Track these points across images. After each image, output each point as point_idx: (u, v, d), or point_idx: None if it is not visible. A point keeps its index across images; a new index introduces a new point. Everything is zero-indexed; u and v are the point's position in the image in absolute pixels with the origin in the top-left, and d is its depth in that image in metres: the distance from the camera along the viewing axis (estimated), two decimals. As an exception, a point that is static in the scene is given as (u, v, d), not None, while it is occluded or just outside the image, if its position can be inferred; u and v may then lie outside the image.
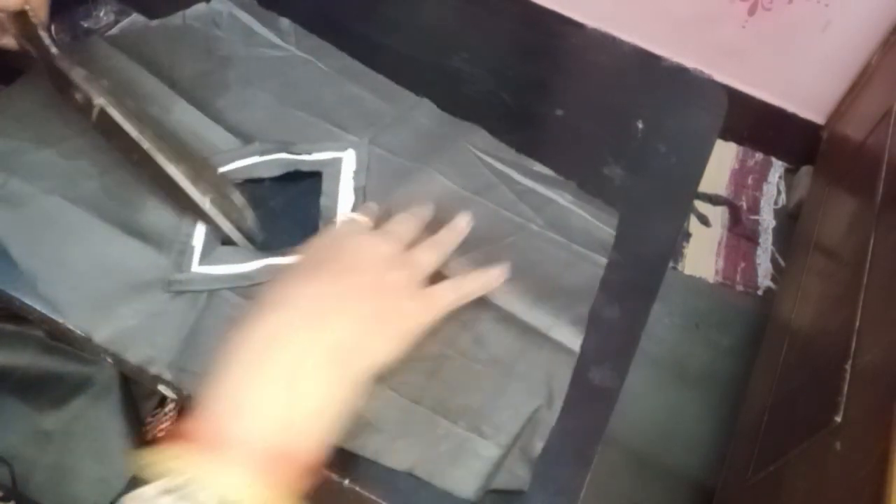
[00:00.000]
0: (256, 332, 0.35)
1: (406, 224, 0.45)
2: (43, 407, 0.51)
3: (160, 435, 0.38)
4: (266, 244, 0.49)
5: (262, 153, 0.52)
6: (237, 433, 0.31)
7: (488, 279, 0.45)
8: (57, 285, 0.44)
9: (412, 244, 0.43)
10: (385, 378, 0.41)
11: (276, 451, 0.32)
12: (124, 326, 0.43)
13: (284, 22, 0.64)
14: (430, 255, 0.43)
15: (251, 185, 0.52)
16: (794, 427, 0.82)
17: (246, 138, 0.53)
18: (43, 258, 0.45)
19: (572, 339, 0.47)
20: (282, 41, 0.62)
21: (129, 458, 0.31)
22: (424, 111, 0.59)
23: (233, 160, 0.52)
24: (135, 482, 0.30)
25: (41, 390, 0.52)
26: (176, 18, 0.63)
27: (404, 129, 0.57)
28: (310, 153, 0.53)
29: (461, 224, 0.47)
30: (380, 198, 0.51)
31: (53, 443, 0.51)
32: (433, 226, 0.47)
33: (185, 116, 0.54)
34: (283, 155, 0.53)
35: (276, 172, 0.52)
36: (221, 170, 0.51)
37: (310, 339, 0.34)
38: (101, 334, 0.43)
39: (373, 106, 0.58)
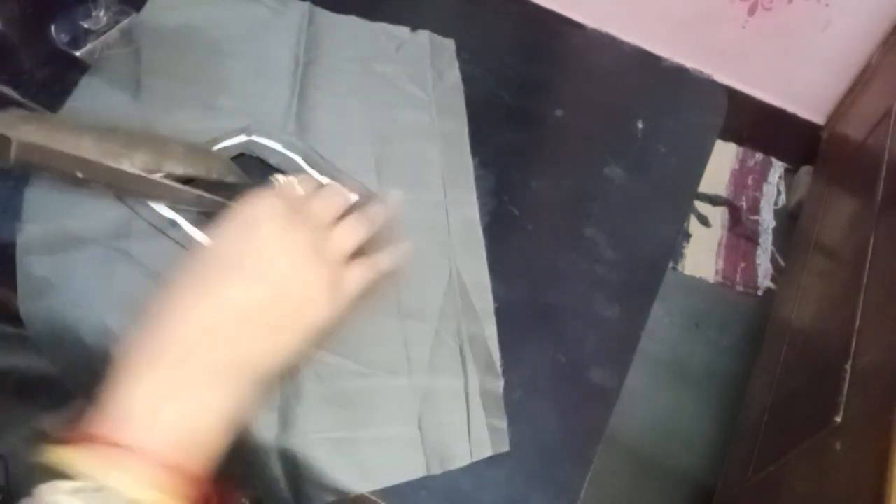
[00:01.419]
0: (149, 341, 0.34)
1: (330, 199, 0.43)
2: (42, 407, 0.51)
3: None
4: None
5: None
6: (133, 442, 0.32)
7: (398, 253, 0.44)
8: None
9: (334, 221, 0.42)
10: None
11: (171, 461, 0.32)
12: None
13: None
14: (351, 235, 0.42)
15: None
16: (794, 427, 0.82)
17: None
18: None
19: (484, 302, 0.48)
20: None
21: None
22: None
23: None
24: (46, 471, 0.31)
25: (40, 390, 0.52)
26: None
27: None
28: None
29: (393, 197, 0.47)
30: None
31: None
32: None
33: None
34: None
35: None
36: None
37: (202, 351, 0.34)
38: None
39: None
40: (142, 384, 0.33)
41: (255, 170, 0.53)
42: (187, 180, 0.47)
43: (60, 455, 0.31)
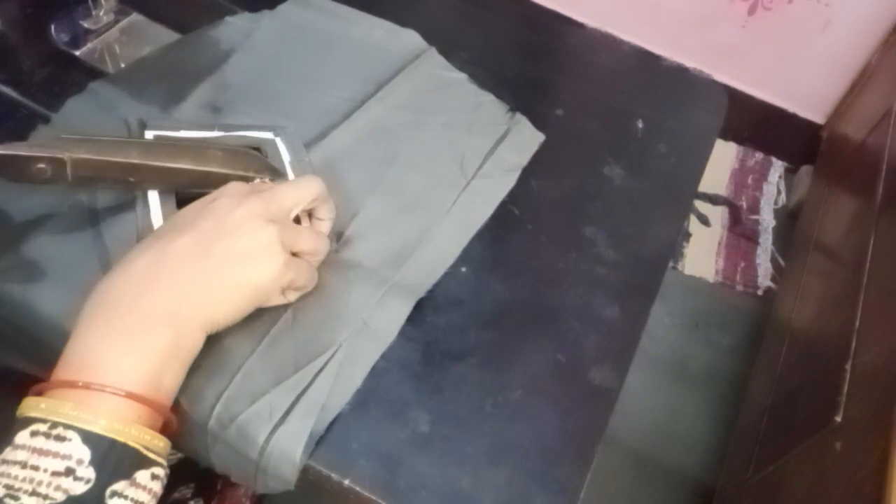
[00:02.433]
0: (102, 294, 0.38)
1: (296, 192, 0.45)
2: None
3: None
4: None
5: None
6: (90, 380, 0.35)
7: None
8: None
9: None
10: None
11: (134, 395, 0.35)
12: None
13: None
14: (295, 194, 0.44)
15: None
16: (794, 427, 0.82)
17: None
18: None
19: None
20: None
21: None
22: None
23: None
24: (18, 422, 0.34)
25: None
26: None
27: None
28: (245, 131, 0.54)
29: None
30: None
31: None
32: None
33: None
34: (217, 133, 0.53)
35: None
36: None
37: (144, 298, 0.38)
38: None
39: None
40: (96, 331, 0.37)
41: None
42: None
43: (26, 403, 0.34)
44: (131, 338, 0.36)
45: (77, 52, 0.61)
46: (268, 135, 0.53)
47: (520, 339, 0.48)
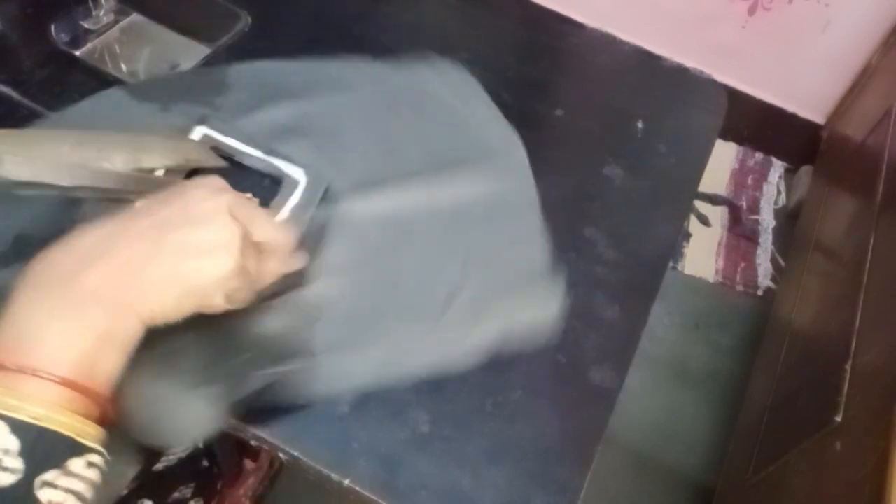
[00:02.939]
0: (39, 270, 0.36)
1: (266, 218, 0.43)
2: None
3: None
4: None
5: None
6: (21, 362, 0.33)
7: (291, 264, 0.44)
8: None
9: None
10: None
11: (70, 382, 0.33)
12: None
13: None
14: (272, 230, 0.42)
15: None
16: (794, 427, 0.82)
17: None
18: None
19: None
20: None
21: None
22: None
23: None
24: None
25: None
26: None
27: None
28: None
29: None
30: None
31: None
32: None
33: None
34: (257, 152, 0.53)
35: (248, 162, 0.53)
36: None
37: (81, 279, 0.35)
38: None
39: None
40: (30, 307, 0.34)
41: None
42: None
43: None
44: (65, 317, 0.34)
45: (77, 53, 0.61)
46: (298, 171, 0.53)
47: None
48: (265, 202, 0.50)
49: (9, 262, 0.45)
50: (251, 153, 0.53)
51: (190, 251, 0.38)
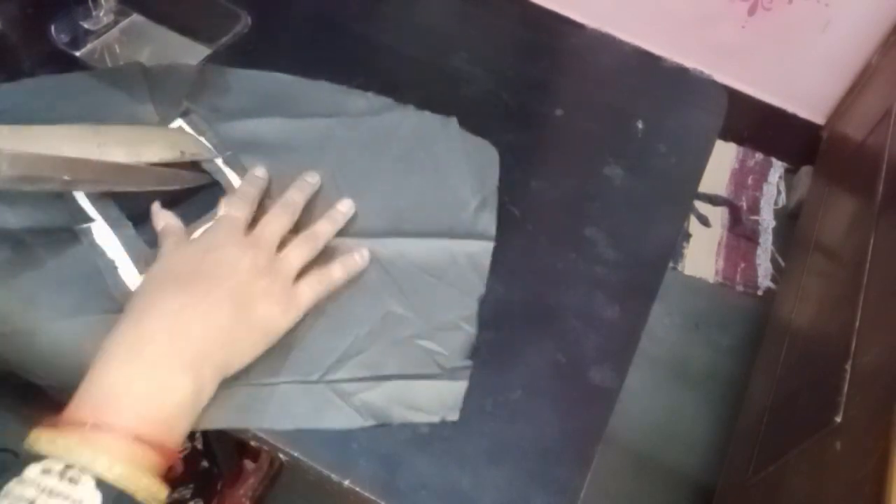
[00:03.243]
0: (127, 336, 0.39)
1: (278, 221, 0.48)
2: (43, 412, 0.51)
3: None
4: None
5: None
6: (109, 421, 0.35)
7: (352, 264, 0.48)
8: None
9: (285, 240, 0.47)
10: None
11: (144, 439, 0.35)
12: None
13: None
14: (298, 253, 0.46)
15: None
16: (794, 427, 0.82)
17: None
18: None
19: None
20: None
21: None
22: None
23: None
24: (28, 456, 0.33)
25: (39, 393, 0.52)
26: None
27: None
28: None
29: (341, 210, 0.51)
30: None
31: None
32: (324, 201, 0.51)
33: None
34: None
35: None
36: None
37: (173, 345, 0.39)
38: None
39: None
40: (119, 372, 0.37)
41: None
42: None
43: (38, 437, 0.34)
44: (153, 382, 0.37)
45: (77, 53, 0.61)
46: (175, 123, 0.54)
47: (520, 339, 0.48)
48: (206, 211, 0.50)
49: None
50: (212, 158, 0.53)
51: (258, 311, 0.42)
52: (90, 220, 0.48)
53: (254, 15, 0.65)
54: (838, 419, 0.70)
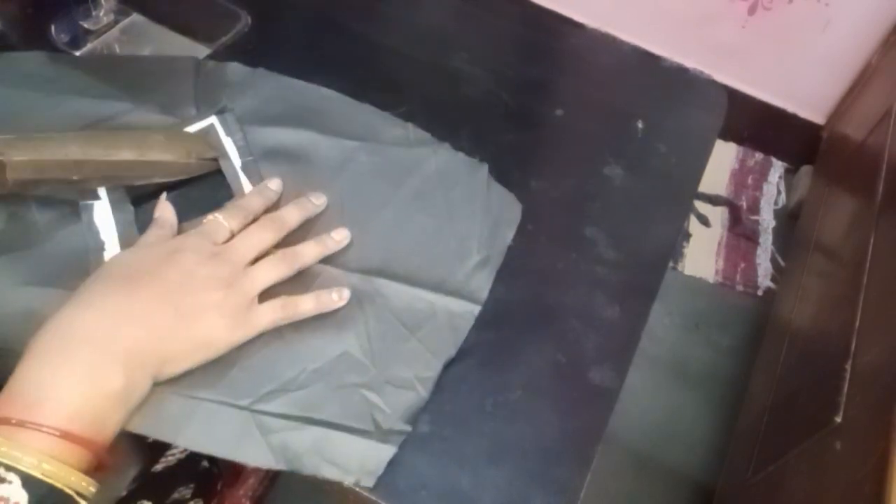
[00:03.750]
0: (61, 328, 0.38)
1: (259, 235, 0.47)
2: None
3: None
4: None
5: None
6: (36, 418, 0.34)
7: (327, 301, 0.46)
8: None
9: (261, 256, 0.46)
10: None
11: (72, 435, 0.35)
12: None
13: None
14: (267, 271, 0.45)
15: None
16: (794, 427, 0.82)
17: None
18: None
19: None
20: None
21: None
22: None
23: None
24: None
25: None
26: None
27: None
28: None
29: (335, 238, 0.49)
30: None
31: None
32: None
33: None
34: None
35: None
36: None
37: (106, 340, 0.38)
38: None
39: None
40: (48, 364, 0.37)
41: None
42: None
43: None
44: (84, 377, 0.37)
45: (77, 53, 0.61)
46: (209, 120, 0.54)
47: (520, 339, 0.48)
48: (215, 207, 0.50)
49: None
50: (232, 161, 0.53)
51: (202, 316, 0.42)
52: (97, 198, 0.48)
53: (254, 15, 0.65)
54: (838, 419, 0.70)
